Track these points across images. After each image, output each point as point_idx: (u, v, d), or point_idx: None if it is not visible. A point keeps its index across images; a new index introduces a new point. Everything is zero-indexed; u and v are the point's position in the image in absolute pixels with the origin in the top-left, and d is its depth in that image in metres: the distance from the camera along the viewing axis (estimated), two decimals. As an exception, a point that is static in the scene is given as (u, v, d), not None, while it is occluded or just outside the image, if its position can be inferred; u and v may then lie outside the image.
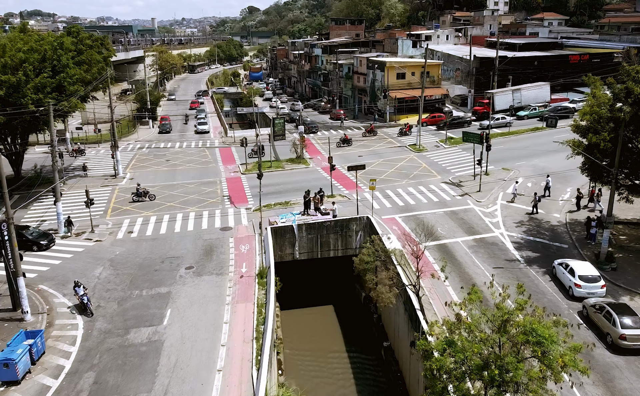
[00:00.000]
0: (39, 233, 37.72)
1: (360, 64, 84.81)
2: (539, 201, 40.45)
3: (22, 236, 36.12)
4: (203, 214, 42.49)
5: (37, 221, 42.13)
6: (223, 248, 36.02)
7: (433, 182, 48.17)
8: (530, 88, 73.52)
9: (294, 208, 41.96)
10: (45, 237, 37.39)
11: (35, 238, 36.91)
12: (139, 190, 46.16)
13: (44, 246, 36.75)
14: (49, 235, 37.79)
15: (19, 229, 36.28)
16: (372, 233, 37.16)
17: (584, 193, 41.04)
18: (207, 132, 77.77)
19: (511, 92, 72.62)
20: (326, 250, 38.36)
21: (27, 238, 36.57)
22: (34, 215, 43.48)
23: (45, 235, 37.76)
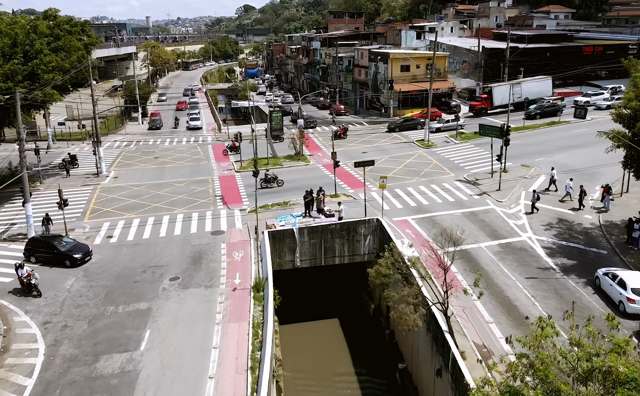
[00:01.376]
0: (72, 245, 31.58)
1: (361, 57, 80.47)
2: (538, 199, 36.34)
3: (53, 248, 30.96)
4: (192, 216, 38.01)
5: (6, 224, 37.57)
6: (214, 256, 31.57)
7: (446, 180, 43.84)
8: (531, 81, 68.81)
9: (293, 210, 37.56)
10: (79, 250, 31.25)
11: (68, 251, 30.92)
12: (268, 176, 43.84)
13: (78, 261, 30.65)
14: (85, 248, 31.67)
15: (49, 240, 31.82)
16: (383, 237, 32.82)
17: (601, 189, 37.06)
18: (200, 128, 73.27)
19: (510, 85, 67.83)
20: (331, 256, 33.96)
21: (57, 250, 30.85)
22: (3, 218, 38.92)
23: (80, 247, 31.61)
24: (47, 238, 32.36)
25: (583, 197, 36.40)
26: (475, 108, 67.31)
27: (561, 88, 74.83)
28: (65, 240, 32.00)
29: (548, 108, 63.60)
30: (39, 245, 31.66)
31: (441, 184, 42.85)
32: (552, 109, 63.19)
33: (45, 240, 31.89)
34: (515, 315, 24.83)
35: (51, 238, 32.25)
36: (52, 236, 32.73)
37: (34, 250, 31.56)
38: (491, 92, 66.72)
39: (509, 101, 67.02)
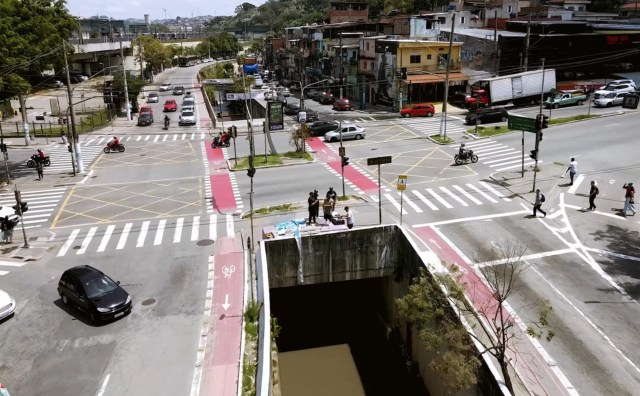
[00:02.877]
0: (106, 292, 22.46)
1: (367, 47, 74.92)
2: (543, 201, 31.11)
3: (81, 291, 22.33)
4: (177, 222, 32.49)
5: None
6: (199, 272, 26.03)
7: (470, 180, 38.31)
8: (532, 74, 62.92)
9: (295, 215, 32.05)
10: (110, 301, 22.05)
11: (95, 299, 21.96)
12: (463, 151, 41.26)
13: (103, 317, 21.67)
14: (120, 297, 22.42)
15: (80, 277, 23.00)
16: (404, 249, 27.31)
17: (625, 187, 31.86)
18: (193, 123, 67.73)
19: (510, 79, 62.15)
20: (340, 271, 28.43)
21: (84, 295, 22.10)
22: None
23: (114, 296, 22.42)
24: (80, 273, 23.48)
25: (595, 195, 31.63)
26: (471, 105, 61.71)
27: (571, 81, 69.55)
28: (103, 280, 23.23)
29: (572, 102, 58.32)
30: (70, 281, 23.12)
31: (464, 185, 37.33)
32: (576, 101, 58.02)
33: (76, 277, 23.06)
34: (583, 355, 19.30)
35: (85, 274, 23.34)
36: (88, 272, 23.68)
37: (65, 287, 23.37)
38: (489, 86, 61.06)
39: (511, 96, 62.05)
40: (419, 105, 64.01)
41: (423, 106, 62.99)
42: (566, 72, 69.24)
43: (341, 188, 35.41)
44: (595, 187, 31.86)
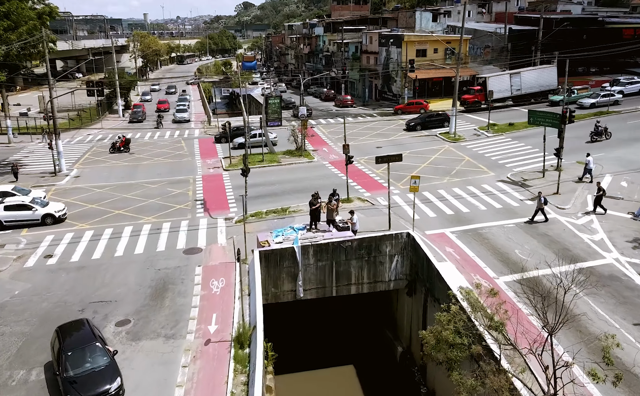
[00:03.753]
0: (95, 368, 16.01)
1: (370, 41, 71.62)
2: (546, 204, 27.99)
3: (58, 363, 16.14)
4: (162, 227, 29.17)
5: None
6: (184, 286, 22.71)
7: (485, 181, 35.00)
8: (533, 71, 59.24)
9: (294, 220, 28.76)
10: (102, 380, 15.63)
11: (78, 381, 15.54)
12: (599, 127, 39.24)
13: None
14: (105, 381, 15.61)
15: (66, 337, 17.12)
16: (417, 258, 24.00)
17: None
18: (187, 120, 64.38)
19: (509, 76, 58.47)
20: (345, 284, 25.08)
21: (60, 376, 15.78)
22: None
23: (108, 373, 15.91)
24: (67, 333, 17.45)
25: (602, 197, 28.47)
26: (467, 102, 58.29)
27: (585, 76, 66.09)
28: (94, 349, 16.55)
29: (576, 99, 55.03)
30: (57, 341, 17.17)
31: (480, 186, 34.01)
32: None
33: (60, 339, 17.05)
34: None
35: (72, 335, 17.31)
36: (79, 332, 17.51)
37: (52, 349, 17.47)
38: (486, 83, 57.61)
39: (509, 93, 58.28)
40: (411, 101, 61.39)
41: (416, 102, 60.22)
42: (579, 67, 65.90)
43: (345, 190, 32.07)
44: (602, 188, 28.66)
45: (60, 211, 30.28)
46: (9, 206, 29.79)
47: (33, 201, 30.31)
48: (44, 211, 29.87)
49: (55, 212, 30.10)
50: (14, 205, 29.85)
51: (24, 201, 30.16)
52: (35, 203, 30.16)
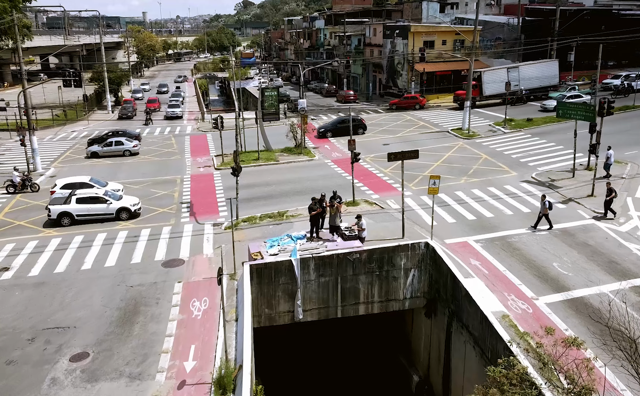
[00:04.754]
0: None
1: (374, 33, 67.81)
2: (551, 209, 24.04)
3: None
4: (140, 235, 25.32)
5: None
6: (159, 308, 18.85)
7: (508, 181, 31.17)
8: (532, 65, 54.93)
9: (292, 226, 24.93)
10: None
11: None
12: None
13: None
14: None
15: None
16: (438, 273, 20.18)
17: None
18: (180, 116, 60.56)
19: (506, 70, 54.33)
20: (352, 303, 21.23)
21: None
22: None
23: None
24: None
25: (613, 200, 24.93)
26: (460, 98, 54.37)
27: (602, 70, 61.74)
28: None
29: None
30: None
31: (502, 187, 30.17)
32: None
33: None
34: None
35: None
36: None
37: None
38: (480, 78, 53.70)
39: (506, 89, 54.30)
40: (406, 96, 58.13)
41: (410, 97, 56.74)
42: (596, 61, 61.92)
43: (350, 191, 28.23)
44: (613, 189, 24.99)
45: (135, 205, 27.53)
46: (81, 199, 26.92)
47: (106, 193, 27.67)
48: (119, 204, 27.21)
49: (131, 205, 27.35)
50: (87, 198, 27.03)
51: (97, 193, 27.44)
52: (109, 196, 27.49)
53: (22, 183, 32.72)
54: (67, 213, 26.60)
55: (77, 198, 26.96)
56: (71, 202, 26.81)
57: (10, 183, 32.64)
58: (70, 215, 26.63)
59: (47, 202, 28.15)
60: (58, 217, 26.54)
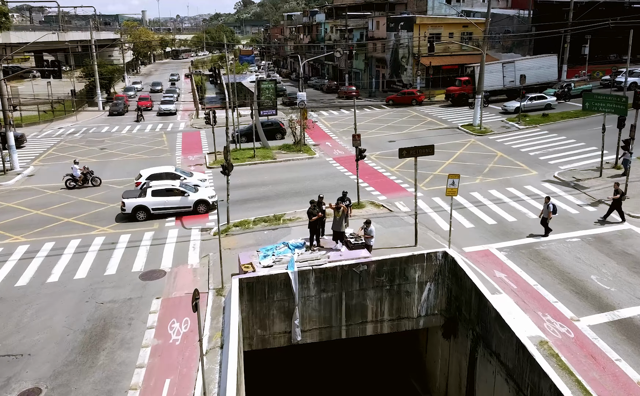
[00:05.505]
0: None
1: (377, 27, 64.96)
2: (555, 213, 21.25)
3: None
4: (118, 241, 22.45)
5: None
6: (131, 330, 15.97)
7: (528, 181, 28.29)
8: (529, 60, 51.88)
9: (290, 232, 22.08)
10: None
11: None
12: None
13: None
14: None
15: None
16: (459, 288, 17.35)
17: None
18: (173, 112, 57.65)
19: (501, 65, 51.24)
20: (358, 322, 18.36)
21: None
22: None
23: None
24: None
25: (621, 201, 22.13)
26: (452, 95, 51.41)
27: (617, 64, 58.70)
28: None
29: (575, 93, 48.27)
30: None
31: (523, 187, 27.29)
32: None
33: None
34: None
35: None
36: None
37: None
38: (474, 73, 50.79)
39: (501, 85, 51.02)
40: (403, 91, 55.78)
41: (407, 93, 54.25)
42: (611, 54, 59.19)
43: (354, 191, 25.35)
44: (620, 190, 22.23)
45: (212, 197, 25.60)
46: (157, 191, 24.92)
47: (183, 185, 25.86)
48: (196, 197, 25.29)
49: (209, 197, 25.52)
50: (163, 190, 25.05)
51: (173, 185, 25.53)
52: (187, 188, 25.63)
53: (84, 177, 30.32)
54: (142, 206, 24.48)
55: (153, 191, 24.83)
56: (147, 195, 24.66)
57: (71, 177, 30.22)
58: (145, 209, 24.54)
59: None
60: (133, 212, 24.38)
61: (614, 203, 22.27)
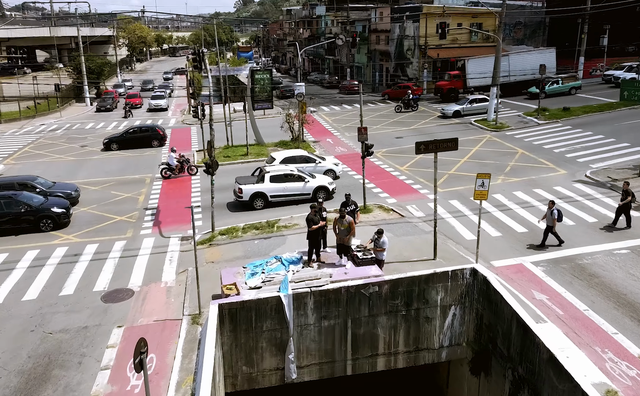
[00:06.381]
0: None
1: (380, 18, 61.48)
2: (560, 220, 18.15)
3: None
4: (83, 253, 19.07)
5: None
6: (80, 371, 12.59)
7: (557, 181, 24.90)
8: (525, 54, 48.43)
9: (286, 241, 18.74)
10: None
11: None
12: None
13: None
14: None
15: None
16: (493, 314, 13.95)
17: None
18: (165, 108, 54.27)
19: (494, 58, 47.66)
20: (367, 356, 14.98)
21: None
22: None
23: None
24: None
25: (630, 204, 18.99)
26: (441, 90, 47.95)
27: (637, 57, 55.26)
28: None
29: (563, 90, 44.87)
30: None
31: (552, 188, 23.89)
32: None
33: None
34: None
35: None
36: None
37: None
38: (464, 66, 47.31)
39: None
40: (399, 85, 52.68)
41: (403, 86, 51.16)
42: (629, 46, 55.70)
43: (360, 193, 21.98)
44: (630, 191, 19.01)
45: (331, 184, 23.85)
46: (276, 176, 23.21)
47: (301, 170, 23.97)
48: (315, 183, 23.37)
49: (328, 184, 23.65)
50: (282, 176, 23.34)
51: (292, 171, 23.57)
52: (305, 173, 23.80)
53: (180, 166, 28.11)
54: (260, 194, 22.86)
55: (272, 176, 23.10)
56: (265, 181, 22.93)
57: (167, 166, 27.94)
58: (263, 196, 22.95)
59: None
60: (250, 199, 22.74)
61: (621, 207, 19.05)
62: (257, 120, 36.20)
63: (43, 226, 20.96)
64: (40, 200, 21.80)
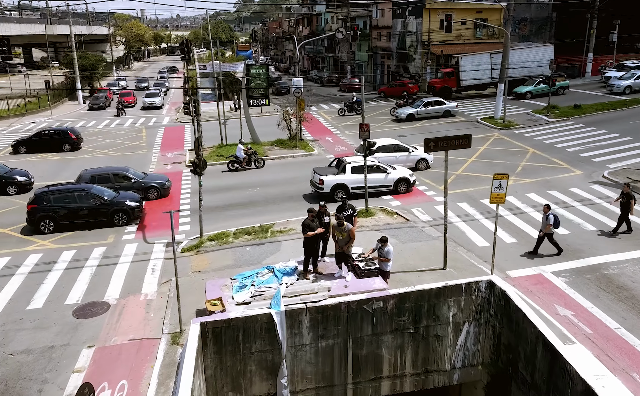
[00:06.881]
0: None
1: (382, 14, 59.82)
2: (557, 226, 16.56)
3: None
4: (58, 260, 17.40)
5: None
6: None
7: (572, 182, 23.24)
8: (521, 50, 46.28)
9: (280, 247, 17.08)
10: None
11: None
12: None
13: None
14: None
15: None
16: (513, 333, 12.22)
17: None
18: (159, 107, 52.62)
19: (489, 56, 45.74)
20: (370, 379, 13.28)
21: None
22: None
23: None
24: None
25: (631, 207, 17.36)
26: (434, 88, 46.26)
27: None
28: None
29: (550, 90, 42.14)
30: None
31: (568, 190, 22.23)
32: None
33: None
34: None
35: None
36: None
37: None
38: (458, 64, 45.60)
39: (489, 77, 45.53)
40: (395, 82, 52.10)
41: (399, 84, 50.55)
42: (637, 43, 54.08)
43: (365, 200, 20.31)
44: (630, 194, 17.46)
45: (411, 175, 23.27)
46: (358, 167, 22.03)
47: (383, 162, 23.36)
48: (397, 175, 22.83)
49: (409, 176, 23.08)
50: (362, 167, 21.44)
51: (373, 161, 22.61)
52: (387, 165, 23.26)
53: (248, 159, 27.27)
54: (342, 185, 22.01)
55: (353, 167, 22.21)
56: (346, 172, 22.18)
57: (235, 159, 27.18)
58: (344, 188, 22.02)
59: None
60: (332, 191, 21.81)
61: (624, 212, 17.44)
62: (253, 118, 34.58)
63: (117, 220, 20.17)
64: (111, 194, 20.90)
